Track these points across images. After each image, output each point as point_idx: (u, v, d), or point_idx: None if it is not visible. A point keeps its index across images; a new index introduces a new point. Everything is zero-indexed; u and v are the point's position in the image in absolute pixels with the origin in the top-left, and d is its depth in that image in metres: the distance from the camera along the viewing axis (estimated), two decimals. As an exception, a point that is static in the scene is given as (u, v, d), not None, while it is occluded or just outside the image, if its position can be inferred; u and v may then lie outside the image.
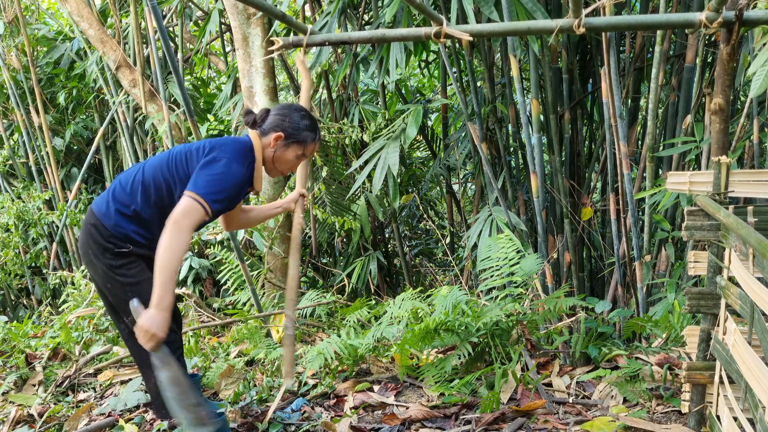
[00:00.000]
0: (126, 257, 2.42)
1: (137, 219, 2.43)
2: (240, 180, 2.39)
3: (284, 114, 2.54)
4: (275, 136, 2.50)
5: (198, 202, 2.26)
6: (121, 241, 2.41)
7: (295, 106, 2.59)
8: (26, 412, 3.11)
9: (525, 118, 4.09)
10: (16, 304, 7.06)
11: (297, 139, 2.54)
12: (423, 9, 2.37)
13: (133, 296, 2.30)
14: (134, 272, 2.43)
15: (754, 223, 2.18)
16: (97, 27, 5.66)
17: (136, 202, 2.42)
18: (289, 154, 2.55)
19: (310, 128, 2.56)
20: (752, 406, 1.86)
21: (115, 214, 2.42)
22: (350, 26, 4.99)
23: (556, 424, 2.67)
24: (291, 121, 2.52)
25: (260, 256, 5.23)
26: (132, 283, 2.41)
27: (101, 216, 2.42)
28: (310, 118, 2.59)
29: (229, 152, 2.40)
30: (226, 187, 2.33)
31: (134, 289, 2.39)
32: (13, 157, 6.82)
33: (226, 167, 2.35)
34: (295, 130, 2.53)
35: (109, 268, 2.42)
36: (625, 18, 2.95)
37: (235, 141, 2.50)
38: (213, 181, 2.31)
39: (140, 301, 2.25)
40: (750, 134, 3.70)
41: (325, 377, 3.34)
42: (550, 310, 3.22)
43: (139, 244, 2.44)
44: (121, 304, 2.47)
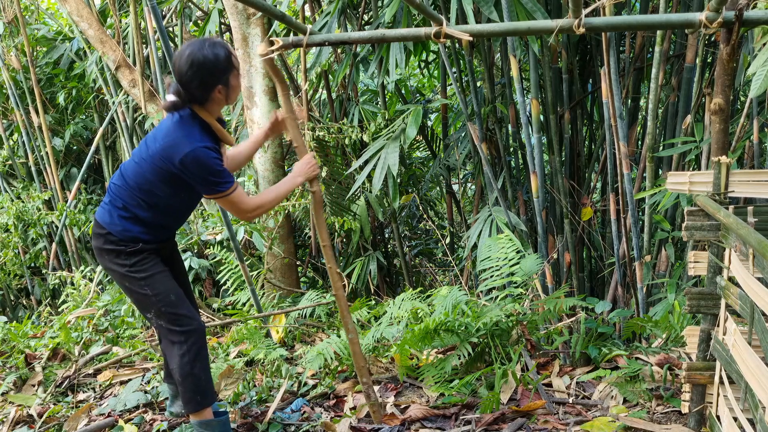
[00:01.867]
0: (138, 254, 2.53)
1: (139, 220, 2.52)
2: (212, 154, 2.40)
3: (200, 72, 2.36)
4: (216, 91, 2.41)
5: (225, 196, 2.46)
6: (131, 242, 2.52)
7: (190, 52, 2.37)
8: (26, 413, 3.11)
9: (525, 118, 4.09)
10: (16, 304, 7.06)
11: (225, 73, 2.41)
12: (423, 9, 2.37)
13: (150, 290, 2.50)
14: (148, 266, 2.54)
15: (754, 223, 2.18)
16: (96, 27, 5.66)
17: (133, 206, 2.52)
18: (233, 89, 2.47)
19: (220, 54, 2.39)
20: (752, 407, 1.86)
21: (120, 220, 2.52)
22: (350, 26, 4.99)
23: (556, 425, 2.66)
24: (211, 67, 2.37)
25: (260, 256, 5.23)
26: (146, 277, 2.53)
27: (107, 225, 2.53)
28: (205, 44, 2.38)
29: (184, 144, 2.37)
30: (214, 169, 2.40)
31: (150, 282, 2.53)
32: (12, 157, 6.82)
33: (201, 161, 2.37)
34: (221, 72, 2.39)
35: (125, 268, 2.53)
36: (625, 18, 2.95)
37: (178, 123, 2.42)
38: (207, 178, 2.41)
39: (156, 292, 2.50)
40: (750, 134, 3.70)
41: (324, 377, 3.34)
42: (550, 310, 3.22)
43: (148, 241, 2.55)
44: (141, 300, 2.56)
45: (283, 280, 5.12)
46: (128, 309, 4.32)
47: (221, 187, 2.43)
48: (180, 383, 2.56)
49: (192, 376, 2.53)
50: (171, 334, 2.55)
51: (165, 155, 2.40)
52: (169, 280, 2.59)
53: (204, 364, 2.57)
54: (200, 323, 2.59)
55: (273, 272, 5.09)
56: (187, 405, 2.59)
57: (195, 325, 2.56)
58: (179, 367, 2.53)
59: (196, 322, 2.58)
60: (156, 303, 2.53)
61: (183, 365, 2.53)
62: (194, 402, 2.57)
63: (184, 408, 2.63)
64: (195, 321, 2.57)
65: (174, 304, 2.55)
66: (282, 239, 5.04)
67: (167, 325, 2.55)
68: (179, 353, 2.53)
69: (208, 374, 2.60)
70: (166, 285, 2.56)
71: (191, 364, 2.53)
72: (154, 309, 2.54)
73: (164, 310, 2.53)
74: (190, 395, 2.56)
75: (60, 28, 6.81)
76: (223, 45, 2.43)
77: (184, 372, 2.53)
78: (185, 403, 2.59)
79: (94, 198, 6.77)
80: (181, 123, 2.42)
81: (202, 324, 2.60)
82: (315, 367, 3.17)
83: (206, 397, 2.58)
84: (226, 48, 2.43)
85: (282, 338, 4.11)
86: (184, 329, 2.53)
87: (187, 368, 2.53)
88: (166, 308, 2.53)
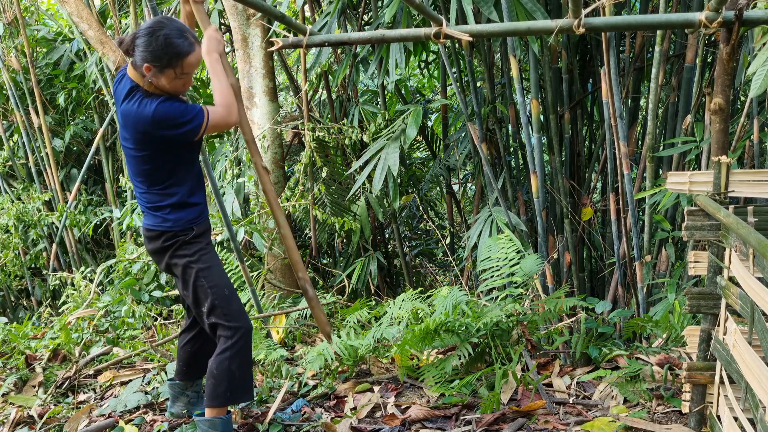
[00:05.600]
0: (197, 243, 2.58)
1: (176, 206, 2.55)
2: (171, 102, 2.41)
3: (146, 42, 2.35)
4: (145, 67, 2.38)
5: (206, 125, 2.43)
6: (186, 230, 2.56)
7: (156, 26, 2.36)
8: (26, 414, 3.11)
9: (525, 118, 4.09)
10: (16, 305, 7.06)
11: (164, 64, 2.37)
12: (422, 9, 2.37)
13: (207, 282, 2.53)
14: (207, 257, 2.59)
15: (754, 223, 2.18)
16: (96, 28, 5.66)
17: (162, 200, 2.55)
18: (164, 80, 2.41)
19: (176, 47, 2.36)
20: (752, 406, 1.86)
21: (164, 216, 2.55)
22: (350, 27, 4.99)
23: (556, 425, 2.66)
24: (153, 47, 2.34)
25: (260, 257, 5.23)
26: (205, 269, 2.56)
27: (157, 226, 2.57)
28: (177, 33, 2.37)
29: (145, 110, 2.37)
30: (182, 112, 2.40)
31: (207, 274, 2.56)
32: (12, 158, 6.81)
33: (167, 112, 2.37)
34: (158, 57, 2.35)
35: (186, 259, 2.56)
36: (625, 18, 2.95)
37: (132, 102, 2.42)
38: (182, 124, 2.39)
39: (212, 284, 2.54)
40: (750, 134, 3.70)
41: (325, 378, 3.34)
42: (551, 310, 3.22)
43: (197, 221, 2.59)
44: (197, 293, 2.57)
45: (284, 280, 5.12)
46: (128, 310, 4.32)
47: (197, 122, 2.40)
48: (213, 376, 2.55)
49: (229, 372, 2.53)
50: (220, 328, 2.55)
51: (140, 130, 2.40)
52: (225, 275, 2.62)
53: (243, 363, 2.57)
54: (249, 322, 2.60)
55: (273, 273, 5.09)
56: (213, 399, 2.58)
57: (243, 322, 2.57)
58: (218, 361, 2.53)
59: (245, 320, 2.58)
60: (210, 295, 2.54)
61: (222, 360, 2.53)
62: (223, 397, 2.57)
63: (206, 400, 2.61)
64: (244, 319, 2.58)
65: (227, 298, 2.56)
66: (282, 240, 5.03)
67: (217, 319, 2.55)
68: (222, 347, 2.53)
69: (245, 373, 2.59)
70: (223, 279, 2.59)
71: (230, 360, 2.53)
72: (208, 302, 2.54)
73: (217, 304, 2.54)
74: (220, 390, 2.55)
75: (60, 29, 6.81)
76: (186, 42, 2.38)
77: (222, 367, 2.53)
78: (211, 396, 2.58)
79: (94, 199, 6.77)
80: (134, 100, 2.42)
81: (250, 323, 2.61)
82: (315, 367, 3.17)
83: (236, 395, 2.59)
84: (187, 48, 2.38)
85: (282, 339, 4.11)
86: (233, 325, 2.54)
87: (226, 363, 2.53)
88: (220, 302, 2.54)
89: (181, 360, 2.91)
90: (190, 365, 2.89)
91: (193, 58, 2.41)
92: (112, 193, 6.64)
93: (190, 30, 2.43)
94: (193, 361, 2.88)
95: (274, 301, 4.80)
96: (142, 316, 4.29)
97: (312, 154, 4.85)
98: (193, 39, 2.41)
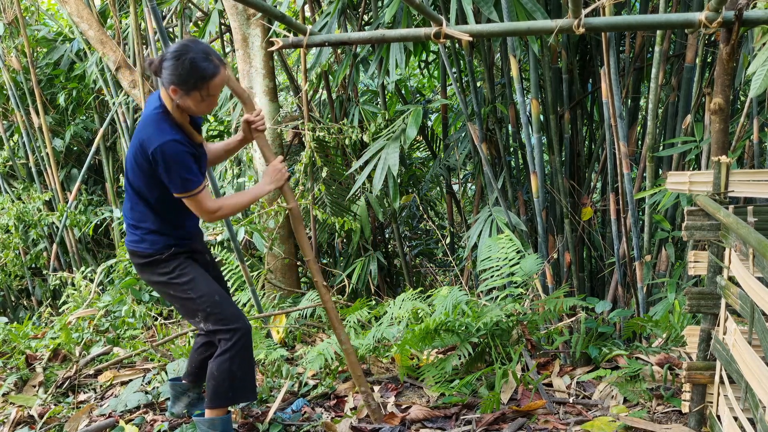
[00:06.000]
0: (175, 260, 2.58)
1: (155, 230, 2.56)
2: (182, 148, 2.41)
3: (173, 65, 2.36)
4: (171, 89, 2.39)
5: (191, 196, 2.45)
6: (164, 250, 2.56)
7: (182, 50, 2.36)
8: (26, 413, 3.11)
9: (525, 118, 4.09)
10: (17, 305, 7.06)
11: (191, 87, 2.38)
12: (422, 9, 2.37)
13: (193, 293, 2.53)
14: (187, 270, 2.59)
15: (754, 223, 2.18)
16: (96, 28, 5.66)
17: (141, 221, 2.56)
18: (190, 102, 2.41)
19: (201, 70, 2.36)
20: (752, 406, 1.86)
21: (142, 237, 2.56)
22: (350, 27, 4.99)
23: (556, 425, 2.67)
24: (179, 71, 2.35)
25: (260, 256, 5.23)
26: (188, 281, 2.57)
27: (135, 245, 2.59)
28: (202, 56, 2.37)
29: (155, 138, 2.38)
30: (183, 164, 2.40)
31: (192, 286, 2.57)
32: (13, 158, 6.82)
33: (168, 154, 2.38)
34: (184, 81, 2.36)
35: (166, 277, 2.57)
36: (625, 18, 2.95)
37: (151, 115, 2.45)
38: (176, 174, 2.40)
39: (199, 294, 2.54)
40: (750, 134, 3.70)
41: (325, 378, 3.34)
42: (551, 310, 3.22)
43: (177, 244, 2.58)
44: (187, 305, 2.59)
45: (284, 280, 5.12)
46: (129, 309, 4.32)
47: (189, 184, 2.42)
48: (214, 377, 2.56)
49: (229, 372, 2.54)
50: (218, 333, 2.56)
51: (140, 150, 2.42)
52: (211, 282, 2.62)
53: (244, 363, 2.58)
54: (247, 323, 2.60)
55: (273, 273, 5.09)
56: (214, 400, 2.59)
57: (241, 323, 2.58)
58: (218, 362, 2.54)
59: (243, 321, 2.59)
60: (201, 305, 2.55)
61: (223, 361, 2.54)
62: (224, 398, 2.58)
63: (207, 401, 2.62)
64: (241, 320, 2.59)
65: (219, 304, 2.57)
66: (282, 240, 5.04)
67: (214, 326, 2.56)
68: (222, 349, 2.55)
69: (246, 374, 2.60)
70: (209, 287, 2.59)
71: (231, 360, 2.54)
72: (201, 312, 2.56)
73: (210, 311, 2.55)
74: (221, 391, 2.57)
75: (60, 29, 6.81)
76: (212, 65, 2.37)
77: (222, 368, 2.54)
78: (212, 397, 2.59)
79: (94, 199, 6.77)
80: (155, 118, 2.44)
81: (248, 323, 2.61)
82: (315, 367, 3.17)
83: (238, 394, 2.60)
84: (213, 70, 2.38)
85: (282, 338, 4.11)
86: (230, 327, 2.55)
87: (226, 364, 2.54)
88: (212, 309, 2.55)
89: (192, 363, 2.92)
90: (201, 368, 2.89)
91: (219, 80, 2.41)
92: (112, 193, 6.64)
93: (215, 52, 2.43)
94: (205, 365, 2.87)
95: (274, 301, 4.81)
96: (142, 315, 4.29)
97: (312, 154, 4.85)
98: (218, 61, 2.41)
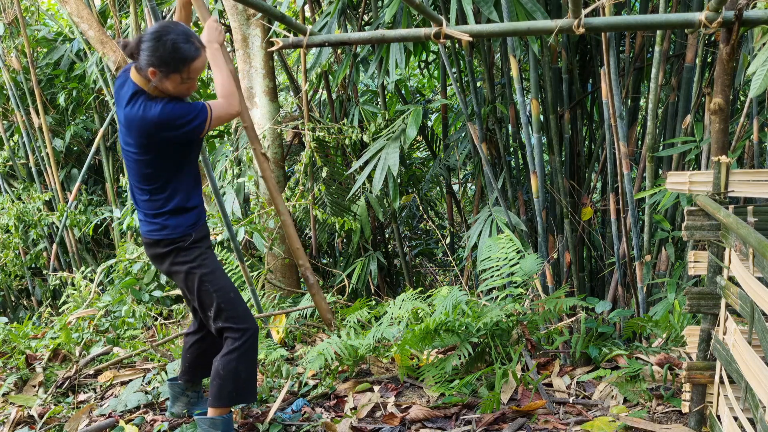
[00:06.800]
0: (196, 248, 2.57)
1: (175, 213, 2.54)
2: (174, 103, 2.39)
3: (153, 47, 2.34)
4: (150, 71, 2.36)
5: (211, 120, 2.44)
6: (185, 236, 2.55)
7: (162, 31, 2.35)
8: (26, 413, 3.11)
9: (525, 118, 4.09)
10: (17, 305, 7.06)
11: (171, 69, 2.36)
12: (422, 9, 2.37)
13: (211, 286, 2.53)
14: (208, 261, 2.59)
15: (754, 223, 2.18)
16: (96, 28, 5.66)
17: (161, 207, 2.54)
18: (169, 84, 2.39)
19: (182, 52, 2.35)
20: (752, 406, 1.86)
21: (163, 223, 2.54)
22: (350, 27, 4.99)
23: (556, 425, 2.67)
24: (160, 53, 2.33)
25: (260, 256, 5.23)
26: (208, 273, 2.56)
27: (155, 234, 2.56)
28: (183, 38, 2.36)
29: (152, 112, 2.37)
30: (185, 111, 2.40)
31: (211, 278, 2.56)
32: (13, 158, 6.82)
33: (172, 114, 2.37)
34: (165, 62, 2.34)
35: (187, 265, 2.55)
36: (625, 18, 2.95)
37: (136, 99, 2.42)
38: (188, 122, 2.40)
39: (216, 287, 2.54)
40: (750, 134, 3.70)
41: (325, 378, 3.34)
42: (551, 310, 3.22)
43: (196, 226, 2.58)
44: (202, 297, 2.57)
45: (284, 280, 5.12)
46: (129, 309, 4.33)
47: (201, 118, 2.41)
48: (220, 377, 2.55)
49: (235, 372, 2.54)
50: (227, 331, 2.56)
51: (145, 134, 2.40)
52: (228, 277, 2.63)
53: (249, 363, 2.58)
54: (255, 323, 2.61)
55: (273, 273, 5.09)
56: (218, 399, 2.59)
57: (250, 324, 2.58)
58: (225, 362, 2.54)
59: (252, 322, 2.60)
60: (216, 299, 2.55)
61: (230, 360, 2.54)
62: (228, 398, 2.58)
63: (211, 400, 2.61)
64: (251, 320, 2.59)
65: (233, 301, 2.57)
66: (282, 240, 5.04)
67: (224, 323, 2.56)
68: (230, 348, 2.55)
69: (250, 375, 2.60)
70: (226, 281, 2.60)
71: (238, 360, 2.54)
72: (215, 306, 2.55)
73: (223, 307, 2.55)
74: (226, 390, 2.56)
75: (60, 29, 6.81)
76: (192, 48, 2.37)
77: (229, 367, 2.54)
78: (216, 396, 2.58)
79: (94, 199, 6.77)
80: (138, 104, 2.41)
81: (256, 324, 2.62)
82: (315, 367, 3.17)
83: (241, 395, 2.60)
84: (193, 53, 2.37)
85: (282, 338, 4.11)
86: (240, 326, 2.55)
87: (233, 364, 2.54)
88: (226, 305, 2.55)
89: (186, 362, 2.91)
90: (195, 367, 2.89)
91: (200, 63, 2.40)
92: (112, 193, 6.65)
93: (195, 35, 2.42)
94: (199, 363, 2.88)
95: (274, 301, 4.80)
96: (142, 315, 4.29)
97: (312, 154, 4.85)
98: (198, 44, 2.41)
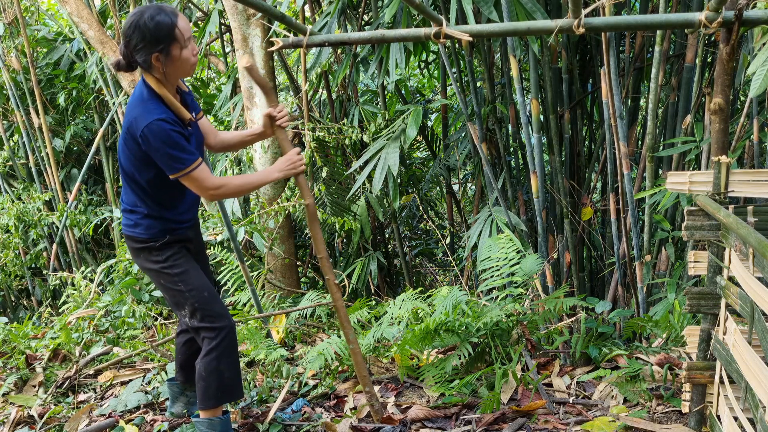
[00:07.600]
0: (169, 248, 2.55)
1: (149, 215, 2.52)
2: (168, 126, 2.34)
3: (138, 36, 2.30)
4: (154, 58, 2.33)
5: (185, 174, 2.38)
6: (158, 236, 2.53)
7: (136, 19, 2.31)
8: (26, 413, 3.11)
9: (525, 118, 4.09)
10: (17, 305, 7.06)
11: (167, 42, 2.32)
12: (422, 9, 2.37)
13: (184, 285, 2.51)
14: (181, 262, 2.56)
15: (754, 223, 2.18)
16: (96, 28, 5.66)
17: (136, 205, 2.53)
18: (176, 59, 2.35)
19: (163, 22, 2.30)
20: (752, 406, 1.86)
21: (137, 221, 2.53)
22: (350, 27, 4.99)
23: (556, 425, 2.67)
24: (147, 36, 2.29)
25: (260, 256, 5.23)
26: (180, 273, 2.54)
27: (130, 230, 2.56)
28: (156, 11, 2.31)
29: (142, 119, 2.33)
30: (171, 143, 2.33)
31: (184, 278, 2.54)
32: (13, 158, 6.82)
33: (158, 134, 2.31)
34: (157, 40, 2.30)
35: (159, 265, 2.55)
36: (625, 18, 2.95)
37: (137, 97, 2.40)
38: (164, 153, 2.34)
39: (189, 287, 2.52)
40: (750, 134, 3.70)
41: (325, 378, 3.34)
42: (551, 310, 3.22)
43: (172, 230, 2.55)
44: (176, 296, 2.56)
45: (284, 280, 5.12)
46: (129, 309, 4.32)
47: (180, 163, 2.34)
48: (203, 378, 2.55)
49: (217, 372, 2.53)
50: (203, 330, 2.55)
51: (129, 134, 2.38)
52: (203, 277, 2.61)
53: (231, 362, 2.57)
54: (231, 321, 2.59)
55: (273, 273, 5.09)
56: (205, 401, 2.58)
57: (227, 322, 2.56)
58: (205, 362, 2.53)
59: (228, 320, 2.58)
60: (190, 299, 2.53)
61: (209, 361, 2.53)
62: (215, 398, 2.57)
63: (199, 403, 2.60)
64: (227, 318, 2.58)
65: (207, 300, 2.55)
66: (282, 240, 5.04)
67: (200, 322, 2.55)
68: (207, 348, 2.53)
69: (234, 372, 2.59)
70: (200, 281, 2.57)
71: (218, 360, 2.53)
72: (188, 305, 2.54)
73: (198, 306, 2.53)
74: (211, 391, 2.56)
75: (60, 29, 6.81)
76: (169, 14, 2.32)
77: (209, 368, 2.53)
78: (203, 398, 2.58)
79: (94, 199, 6.77)
80: (141, 99, 2.39)
81: (233, 321, 2.60)
82: (315, 367, 3.17)
83: (228, 393, 2.59)
84: (172, 18, 2.31)
85: (282, 338, 4.11)
86: (216, 326, 2.54)
87: (214, 364, 2.53)
88: (200, 304, 2.53)
89: (179, 362, 2.91)
90: (189, 366, 2.89)
91: (183, 22, 2.34)
92: (112, 193, 6.65)
93: (163, 4, 2.37)
94: (192, 362, 2.87)
95: (274, 301, 4.80)
96: (142, 315, 4.29)
97: (312, 154, 4.85)
98: (168, 8, 2.35)
